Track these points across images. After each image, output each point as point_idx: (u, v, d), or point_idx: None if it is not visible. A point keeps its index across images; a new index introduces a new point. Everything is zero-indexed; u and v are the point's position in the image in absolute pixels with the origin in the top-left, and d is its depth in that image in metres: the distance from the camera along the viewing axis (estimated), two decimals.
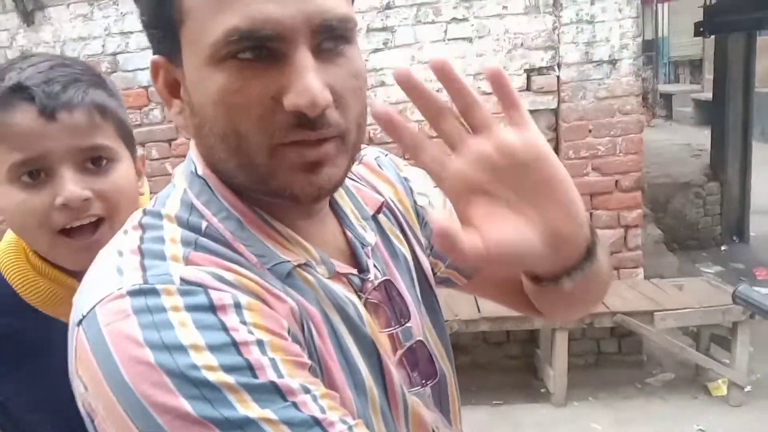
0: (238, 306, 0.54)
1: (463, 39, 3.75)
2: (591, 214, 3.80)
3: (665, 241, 4.89)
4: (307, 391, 0.52)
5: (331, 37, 0.57)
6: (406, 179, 0.85)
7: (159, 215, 0.62)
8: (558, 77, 3.73)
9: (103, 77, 0.93)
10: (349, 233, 0.72)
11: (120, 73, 4.03)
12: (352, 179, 0.78)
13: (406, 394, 0.70)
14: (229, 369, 0.50)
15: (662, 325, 3.51)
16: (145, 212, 0.63)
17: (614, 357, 4.04)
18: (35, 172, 0.85)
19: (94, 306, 0.54)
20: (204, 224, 0.61)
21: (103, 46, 4.02)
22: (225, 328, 0.52)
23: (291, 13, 0.54)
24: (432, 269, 0.84)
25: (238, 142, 0.57)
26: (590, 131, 3.73)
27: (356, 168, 0.80)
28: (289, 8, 0.54)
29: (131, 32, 3.97)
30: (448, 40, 3.76)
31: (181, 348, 0.50)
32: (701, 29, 6.41)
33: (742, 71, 6.13)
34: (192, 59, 0.58)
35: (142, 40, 3.96)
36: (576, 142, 3.74)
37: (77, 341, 0.54)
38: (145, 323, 0.51)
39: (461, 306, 3.62)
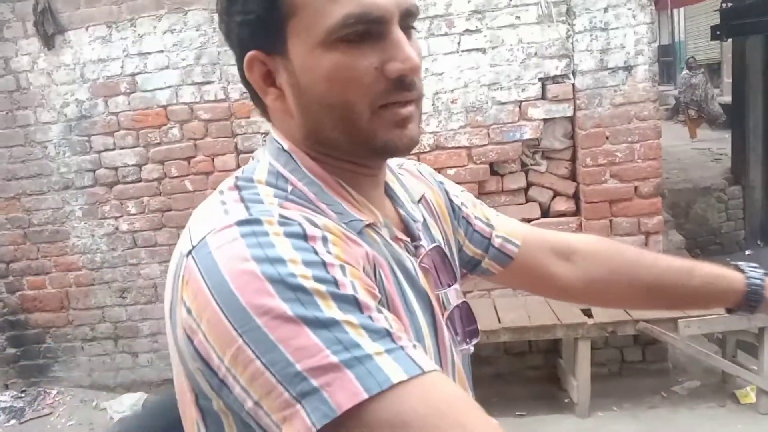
0: (325, 239, 0.63)
1: (477, 50, 3.76)
2: (611, 221, 3.78)
3: (687, 247, 4.84)
4: (380, 311, 0.59)
5: (408, 22, 0.71)
6: (441, 182, 1.00)
7: (251, 180, 0.72)
8: (573, 85, 3.72)
9: None
10: (401, 211, 0.83)
11: (139, 93, 4.09)
12: (400, 174, 0.92)
13: (454, 352, 0.80)
14: (319, 280, 0.58)
15: (686, 332, 3.46)
16: (237, 178, 0.72)
17: (638, 365, 3.99)
18: None
19: (205, 236, 0.62)
20: (290, 187, 0.71)
21: (121, 67, 4.09)
22: (315, 252, 0.60)
23: (389, 0, 0.67)
24: (474, 258, 1.01)
25: (345, 111, 0.68)
26: (607, 138, 3.71)
27: (399, 171, 0.93)
28: None
29: (149, 53, 4.03)
30: (462, 51, 3.77)
31: (281, 261, 0.58)
32: (718, 33, 6.36)
33: (762, 74, 6.07)
34: (302, 46, 0.68)
35: (160, 60, 4.02)
36: (593, 150, 3.72)
37: (186, 268, 0.62)
38: (251, 243, 0.59)
39: (481, 317, 3.61)
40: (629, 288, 1.03)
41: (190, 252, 0.62)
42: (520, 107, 3.79)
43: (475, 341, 0.86)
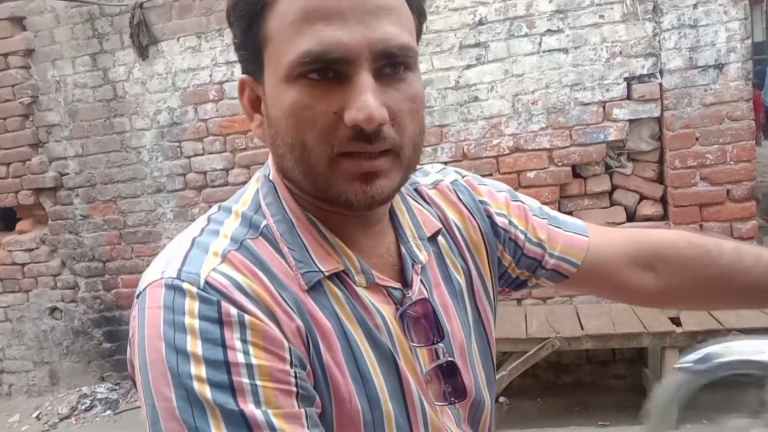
0: (242, 325, 0.60)
1: (559, 50, 3.70)
2: (701, 226, 3.62)
3: None
4: (272, 428, 0.58)
5: (391, 63, 0.64)
6: (482, 202, 0.88)
7: (229, 210, 0.72)
8: (660, 84, 3.60)
9: None
10: (403, 248, 0.77)
11: (226, 100, 4.25)
12: (418, 201, 0.84)
13: (426, 406, 0.73)
14: (216, 387, 0.58)
15: None
16: (219, 207, 0.73)
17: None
18: None
19: (146, 287, 0.64)
20: (263, 222, 0.70)
21: (210, 75, 4.25)
22: (224, 345, 0.59)
23: (357, 40, 0.61)
24: (519, 278, 0.91)
25: (303, 152, 0.65)
26: (697, 139, 3.57)
27: (430, 191, 0.86)
28: (355, 35, 0.61)
29: (236, 62, 4.15)
30: (543, 52, 3.72)
31: (185, 355, 0.59)
32: None
33: None
34: (271, 77, 0.66)
35: None
36: (682, 151, 3.58)
37: (134, 311, 0.64)
38: (167, 320, 0.60)
39: (563, 323, 3.53)
40: (717, 297, 0.97)
41: (138, 296, 0.65)
42: (604, 108, 3.70)
43: (460, 401, 0.77)
